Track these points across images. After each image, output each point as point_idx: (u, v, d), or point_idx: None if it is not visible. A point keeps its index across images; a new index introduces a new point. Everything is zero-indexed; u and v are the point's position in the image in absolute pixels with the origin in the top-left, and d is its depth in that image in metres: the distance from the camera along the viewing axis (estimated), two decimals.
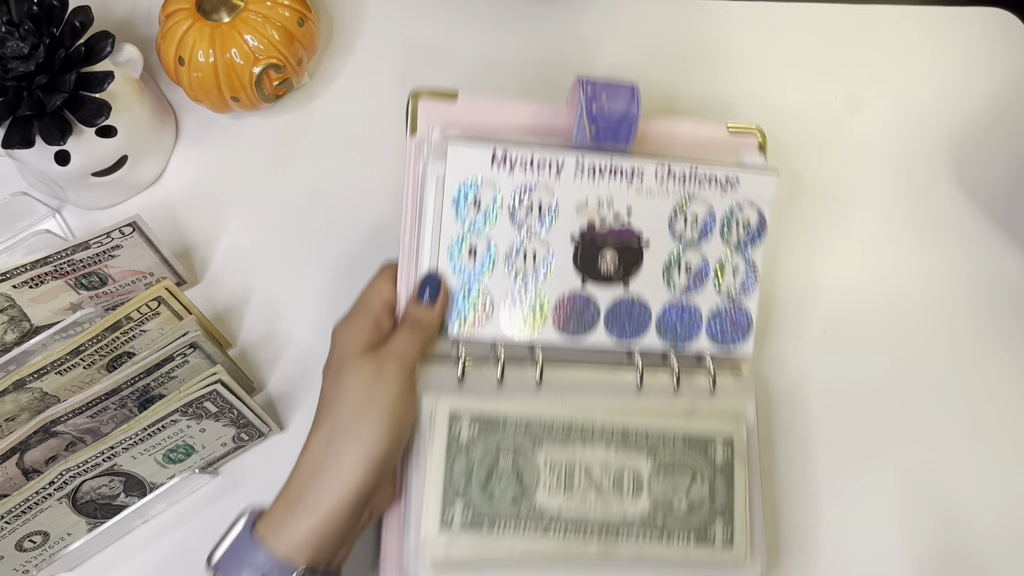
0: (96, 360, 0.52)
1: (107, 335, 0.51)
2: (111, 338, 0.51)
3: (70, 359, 0.50)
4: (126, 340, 0.52)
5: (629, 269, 0.53)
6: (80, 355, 0.50)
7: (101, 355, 0.52)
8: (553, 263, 0.52)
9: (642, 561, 0.51)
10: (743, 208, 0.53)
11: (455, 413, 0.50)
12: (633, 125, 0.52)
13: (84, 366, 0.51)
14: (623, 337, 0.53)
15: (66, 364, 0.50)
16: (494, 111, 0.53)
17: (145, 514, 0.55)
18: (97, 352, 0.51)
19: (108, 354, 0.52)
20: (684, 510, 0.51)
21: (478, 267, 0.51)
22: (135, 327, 0.52)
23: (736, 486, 0.52)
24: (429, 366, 0.51)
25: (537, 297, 0.52)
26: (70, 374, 0.51)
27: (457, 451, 0.49)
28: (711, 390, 0.54)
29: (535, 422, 0.50)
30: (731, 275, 0.54)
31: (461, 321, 0.51)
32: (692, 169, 0.52)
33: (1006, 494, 0.59)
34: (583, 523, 0.50)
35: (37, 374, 0.49)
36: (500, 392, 0.51)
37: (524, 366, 0.52)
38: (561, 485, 0.50)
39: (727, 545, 0.51)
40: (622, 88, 0.52)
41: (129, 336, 0.52)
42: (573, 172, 0.51)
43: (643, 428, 0.51)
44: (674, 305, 0.53)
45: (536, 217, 0.51)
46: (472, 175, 0.51)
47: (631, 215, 0.52)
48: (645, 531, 0.50)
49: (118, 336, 0.52)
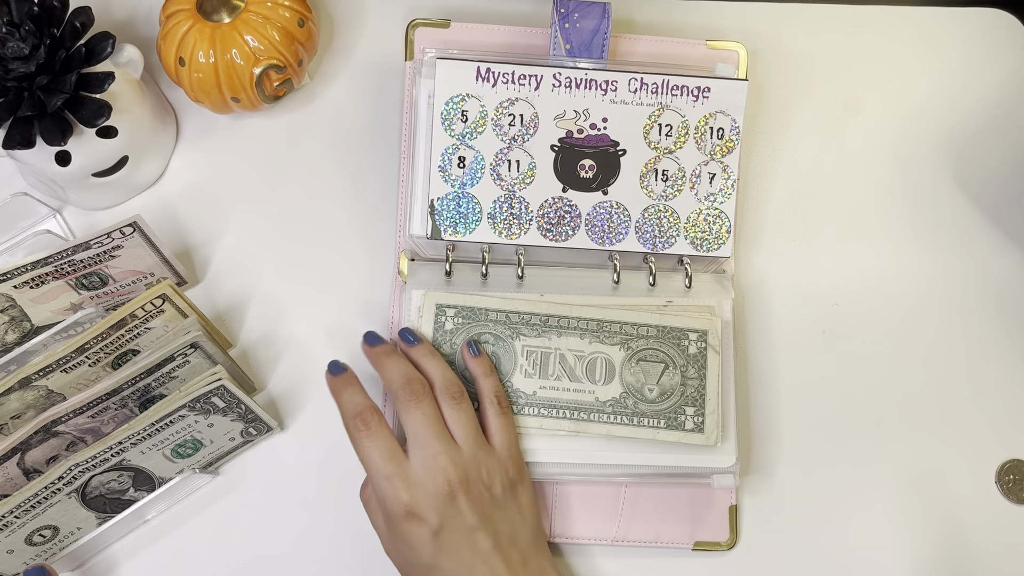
0: (101, 358, 0.52)
1: (112, 332, 0.51)
2: (116, 336, 0.51)
3: (75, 357, 0.50)
4: (131, 338, 0.53)
5: (608, 176, 0.57)
6: (85, 353, 0.51)
7: (106, 352, 0.52)
8: (535, 171, 0.56)
9: (613, 439, 0.54)
10: (716, 116, 0.57)
11: (441, 306, 0.55)
12: (605, 40, 0.57)
13: (89, 363, 0.51)
14: (603, 240, 0.56)
15: (71, 362, 0.50)
16: (483, 35, 0.60)
17: (145, 514, 0.55)
18: (102, 350, 0.51)
19: (113, 352, 0.52)
20: (655, 396, 0.54)
21: (467, 175, 0.56)
22: (140, 325, 0.52)
23: (708, 377, 0.55)
24: (420, 267, 0.57)
25: (521, 203, 0.56)
26: (75, 372, 0.51)
27: (442, 338, 0.55)
28: (687, 287, 0.57)
29: (514, 314, 0.55)
30: (707, 181, 0.57)
31: (451, 227, 0.56)
32: (664, 80, 0.56)
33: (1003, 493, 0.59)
34: (556, 404, 0.54)
35: (43, 372, 0.50)
36: (484, 288, 0.56)
37: (508, 267, 0.57)
38: (537, 370, 0.54)
39: (698, 431, 0.54)
40: (594, 5, 0.57)
41: (134, 334, 0.52)
42: (551, 85, 0.56)
43: (618, 321, 0.55)
44: (652, 209, 0.57)
45: (518, 128, 0.56)
46: (459, 91, 0.56)
47: (607, 125, 0.56)
48: (616, 414, 0.54)
49: (123, 334, 0.52)
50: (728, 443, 0.55)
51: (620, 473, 0.55)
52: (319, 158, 0.63)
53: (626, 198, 0.57)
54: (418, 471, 0.49)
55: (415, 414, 0.50)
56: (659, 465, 0.55)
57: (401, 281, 0.57)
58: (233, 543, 0.56)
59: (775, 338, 0.61)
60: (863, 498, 0.59)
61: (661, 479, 0.56)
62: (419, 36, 0.60)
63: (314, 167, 0.63)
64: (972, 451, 0.60)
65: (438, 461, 0.49)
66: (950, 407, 0.61)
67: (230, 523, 0.56)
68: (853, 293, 0.62)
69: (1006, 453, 0.60)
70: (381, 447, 0.50)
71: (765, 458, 0.59)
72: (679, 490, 0.57)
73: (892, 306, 0.62)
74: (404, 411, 0.51)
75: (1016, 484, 0.59)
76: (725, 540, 0.57)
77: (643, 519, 0.56)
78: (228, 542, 0.56)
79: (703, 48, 0.60)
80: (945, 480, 0.59)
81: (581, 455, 0.54)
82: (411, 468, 0.49)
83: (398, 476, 0.49)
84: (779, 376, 0.61)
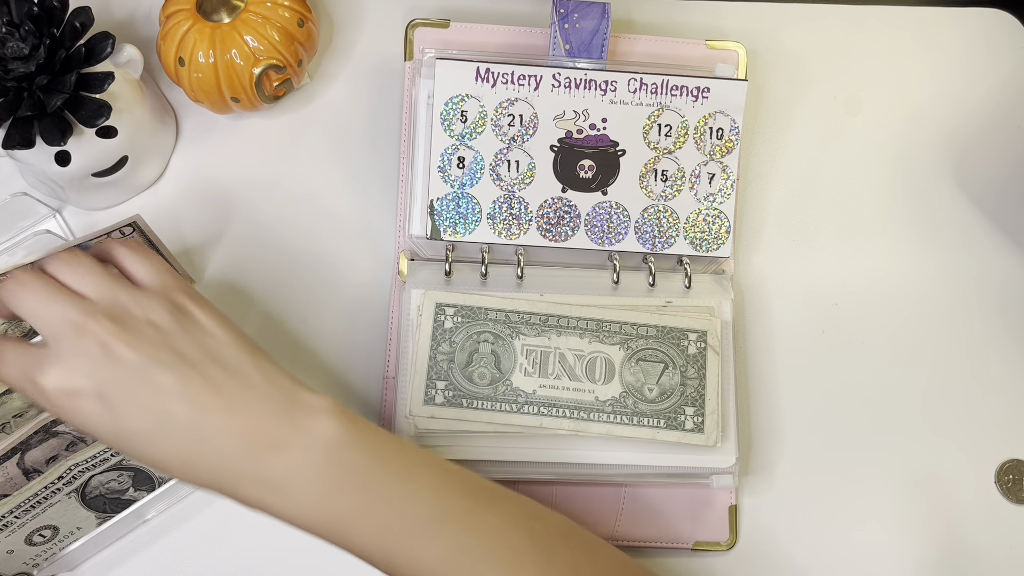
0: None
1: None
2: None
3: None
4: None
5: (607, 176, 0.57)
6: None
7: None
8: (535, 171, 0.56)
9: (613, 439, 0.54)
10: (715, 116, 0.57)
11: (440, 305, 0.55)
12: (605, 40, 0.57)
13: None
14: (603, 241, 0.56)
15: None
16: (483, 35, 0.60)
17: (145, 514, 0.55)
18: None
19: None
20: (654, 396, 0.54)
21: (466, 176, 0.56)
22: None
23: (708, 377, 0.55)
24: (420, 266, 0.57)
25: (521, 204, 0.56)
26: None
27: (441, 338, 0.54)
28: (686, 287, 0.57)
29: (514, 314, 0.55)
30: (707, 181, 0.57)
31: (451, 227, 0.56)
32: (664, 80, 0.56)
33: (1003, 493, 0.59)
34: (556, 403, 0.54)
35: None
36: (483, 288, 0.56)
37: (507, 267, 0.57)
38: (536, 369, 0.54)
39: (697, 431, 0.54)
40: (593, 6, 0.57)
41: None
42: (550, 85, 0.56)
43: (617, 320, 0.55)
44: (652, 209, 0.57)
45: (518, 128, 0.56)
46: (458, 91, 0.56)
47: (607, 125, 0.56)
48: (615, 413, 0.54)
49: None
50: (728, 443, 0.55)
51: (620, 473, 0.55)
52: (319, 158, 0.63)
53: (625, 198, 0.57)
54: (53, 348, 0.41)
55: (20, 293, 0.42)
56: (659, 465, 0.55)
57: (401, 281, 0.57)
58: (233, 543, 0.56)
59: (775, 338, 0.61)
60: (863, 498, 0.59)
61: (661, 479, 0.56)
62: (419, 36, 0.60)
63: (314, 167, 0.63)
64: (972, 451, 0.60)
65: (68, 320, 0.41)
66: (950, 406, 0.61)
67: (230, 523, 0.56)
68: (853, 293, 0.62)
69: (1006, 453, 0.60)
70: (11, 358, 0.42)
71: (765, 458, 0.59)
72: (679, 490, 0.57)
73: (892, 306, 0.62)
74: (9, 298, 0.42)
75: (1016, 484, 0.59)
76: (725, 540, 0.57)
77: (643, 519, 0.56)
78: (228, 542, 0.56)
79: (703, 48, 0.60)
80: (945, 480, 0.59)
81: (581, 455, 0.54)
82: (46, 352, 0.41)
83: (35, 367, 0.41)
84: (779, 376, 0.61)
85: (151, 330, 0.43)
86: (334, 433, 0.43)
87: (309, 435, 0.43)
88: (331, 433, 0.43)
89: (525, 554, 0.43)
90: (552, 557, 0.44)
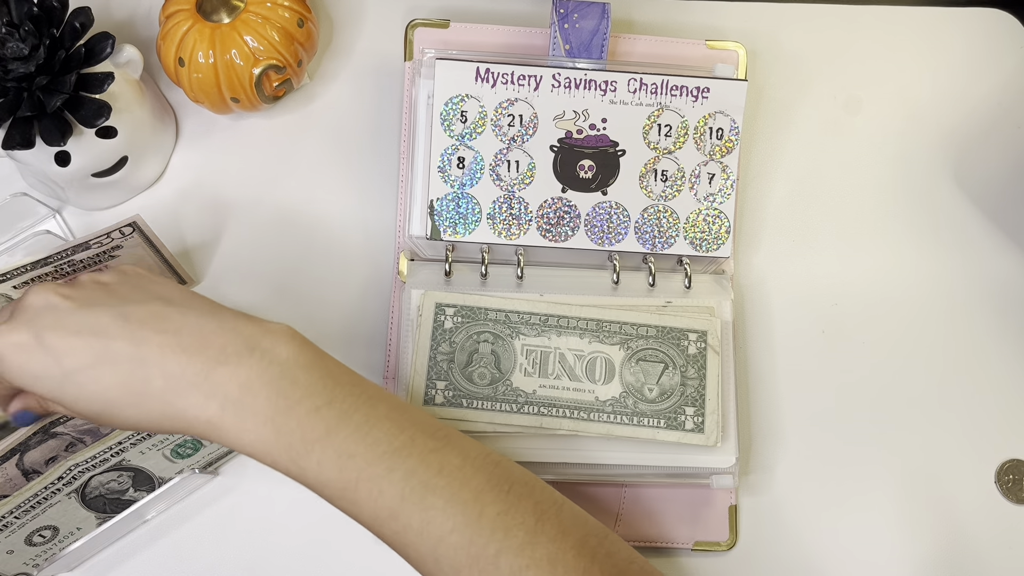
0: None
1: None
2: None
3: None
4: None
5: (607, 177, 0.57)
6: None
7: None
8: (535, 172, 0.56)
9: (613, 439, 0.54)
10: (715, 116, 0.57)
11: (440, 305, 0.55)
12: (604, 41, 0.57)
13: None
14: (603, 241, 0.56)
15: None
16: (483, 35, 0.60)
17: (145, 514, 0.55)
18: None
19: None
20: (654, 396, 0.54)
21: (466, 176, 0.56)
22: None
23: (708, 377, 0.55)
24: (420, 267, 0.57)
25: (520, 204, 0.56)
26: None
27: (441, 338, 0.54)
28: (686, 287, 0.57)
29: (514, 314, 0.55)
30: (707, 181, 0.57)
31: (451, 227, 0.56)
32: (664, 80, 0.56)
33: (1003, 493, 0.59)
34: (556, 404, 0.54)
35: None
36: (483, 288, 0.56)
37: (507, 267, 0.57)
38: (536, 369, 0.54)
39: (697, 431, 0.54)
40: (593, 6, 0.58)
41: None
42: (550, 86, 0.56)
43: (617, 320, 0.55)
44: (652, 209, 0.57)
45: (518, 128, 0.56)
46: (458, 91, 0.56)
47: (607, 125, 0.56)
48: (615, 413, 0.54)
49: None
50: (728, 443, 0.55)
51: (620, 473, 0.55)
52: (319, 158, 0.63)
53: (625, 198, 0.57)
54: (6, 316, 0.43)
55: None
56: (659, 465, 0.55)
57: (400, 281, 0.57)
58: (233, 543, 0.56)
59: (775, 338, 0.61)
60: (863, 498, 0.59)
61: (661, 479, 0.56)
62: (418, 36, 0.60)
63: (313, 167, 0.63)
64: (972, 451, 0.60)
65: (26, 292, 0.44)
66: (950, 407, 0.61)
67: (230, 523, 0.56)
68: (853, 293, 0.62)
69: (1006, 453, 0.60)
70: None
71: (765, 458, 0.59)
72: (679, 490, 0.57)
73: (892, 306, 0.62)
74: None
75: (1016, 484, 0.59)
76: (725, 540, 0.57)
77: (643, 519, 0.56)
78: (228, 542, 0.56)
79: (702, 48, 0.60)
80: (945, 480, 0.59)
81: (581, 455, 0.54)
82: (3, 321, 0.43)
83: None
84: (779, 376, 0.61)
85: (94, 284, 0.44)
86: (291, 352, 0.42)
87: (263, 352, 0.42)
88: (288, 352, 0.42)
89: (487, 496, 0.42)
90: (515, 503, 0.43)
